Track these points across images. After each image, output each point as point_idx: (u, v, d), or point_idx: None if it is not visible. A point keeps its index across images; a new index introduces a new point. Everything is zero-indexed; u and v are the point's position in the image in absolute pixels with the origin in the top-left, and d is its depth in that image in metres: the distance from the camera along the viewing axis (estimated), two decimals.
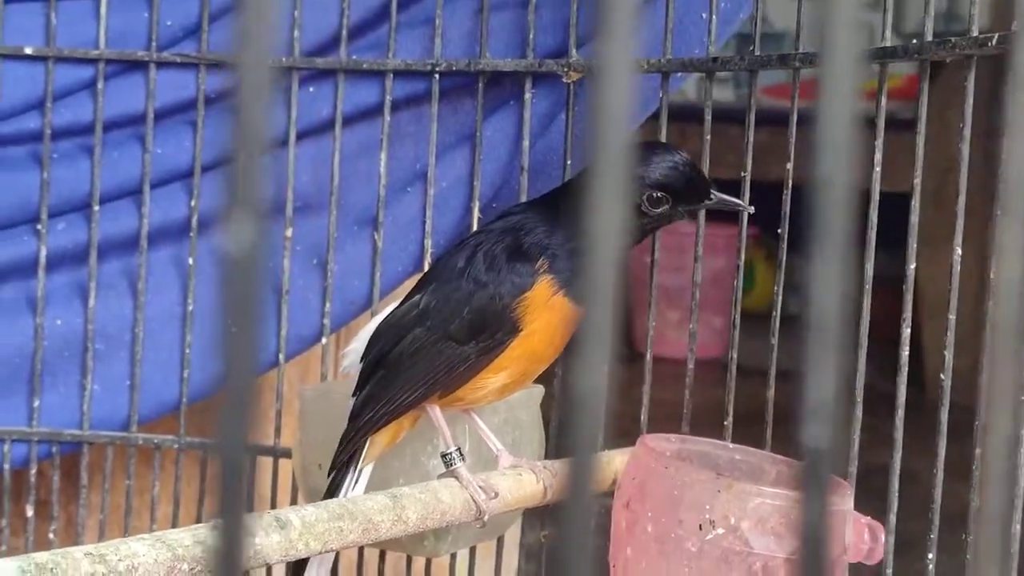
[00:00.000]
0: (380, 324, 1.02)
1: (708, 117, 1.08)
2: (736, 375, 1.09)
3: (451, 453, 0.96)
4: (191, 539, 0.81)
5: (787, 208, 0.99)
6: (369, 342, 1.02)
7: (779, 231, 1.01)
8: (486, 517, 0.94)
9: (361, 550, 1.23)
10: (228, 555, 0.28)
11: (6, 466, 1.28)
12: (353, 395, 1.01)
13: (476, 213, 1.23)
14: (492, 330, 0.94)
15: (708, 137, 1.09)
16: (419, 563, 1.25)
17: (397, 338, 0.98)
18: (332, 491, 1.00)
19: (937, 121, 0.88)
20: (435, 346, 0.96)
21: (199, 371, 1.28)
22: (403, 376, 0.96)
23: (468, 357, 0.95)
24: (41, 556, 0.76)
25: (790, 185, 1.00)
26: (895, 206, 1.06)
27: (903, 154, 0.97)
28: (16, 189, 1.27)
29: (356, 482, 1.00)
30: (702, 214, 1.06)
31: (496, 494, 0.94)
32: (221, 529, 0.28)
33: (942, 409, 0.89)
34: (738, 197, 1.02)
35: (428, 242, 1.24)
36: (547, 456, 1.13)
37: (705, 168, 1.06)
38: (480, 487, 0.94)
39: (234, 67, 0.24)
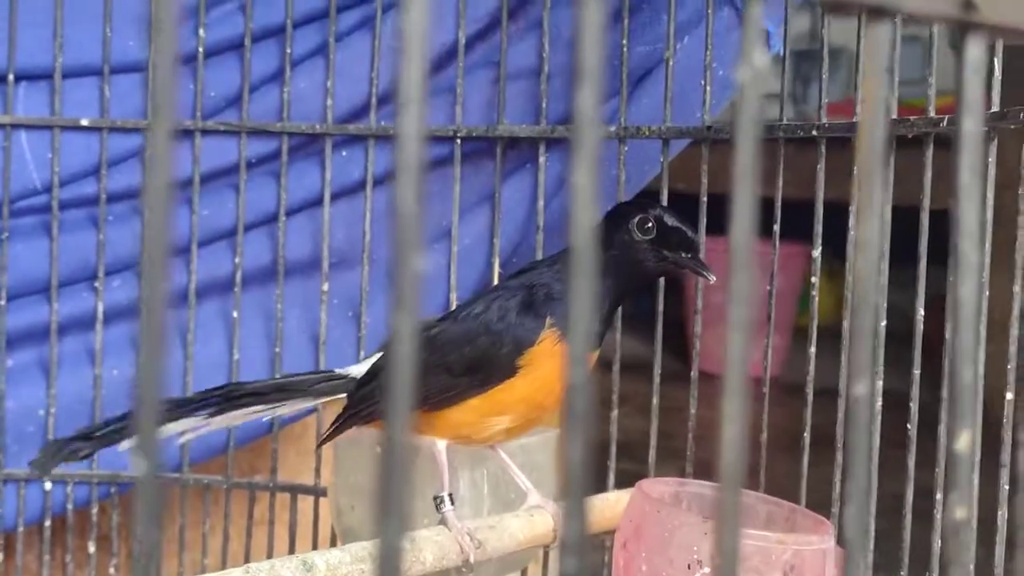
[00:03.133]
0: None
1: (704, 180, 1.17)
2: (796, 393, 1.14)
3: (441, 496, 1.05)
4: None
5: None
6: (381, 349, 1.12)
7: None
8: (472, 559, 1.03)
9: None
10: None
11: (69, 506, 1.38)
12: (358, 388, 1.11)
13: (497, 267, 1.32)
14: (488, 371, 1.03)
15: (704, 199, 1.17)
16: None
17: None
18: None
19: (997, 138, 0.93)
20: (431, 371, 1.05)
21: None
22: None
23: (457, 387, 1.04)
24: None
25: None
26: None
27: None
28: (75, 250, 1.37)
29: None
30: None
31: (479, 544, 1.03)
32: None
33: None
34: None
35: (453, 295, 1.33)
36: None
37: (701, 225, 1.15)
38: (468, 534, 1.03)
39: None
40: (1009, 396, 0.85)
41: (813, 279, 1.11)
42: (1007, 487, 0.96)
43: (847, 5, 0.34)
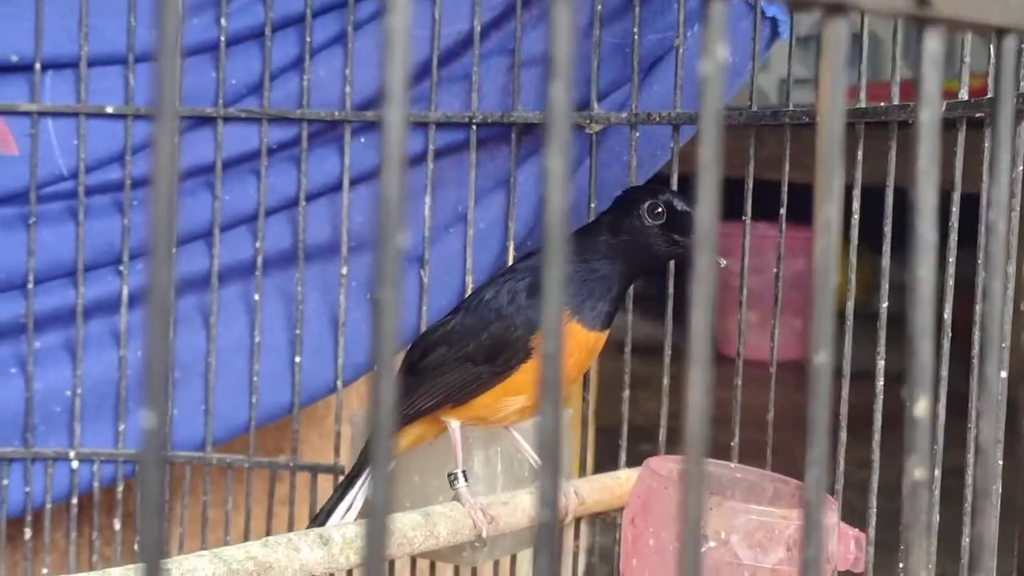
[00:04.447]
0: (418, 337, 1.16)
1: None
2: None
3: (455, 473, 1.08)
4: (244, 555, 0.94)
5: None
6: (408, 350, 1.15)
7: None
8: (484, 534, 1.06)
9: (414, 561, 1.34)
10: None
11: (96, 484, 1.41)
12: None
13: (511, 251, 1.35)
14: (506, 356, 1.07)
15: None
16: (466, 572, 1.36)
17: (426, 352, 1.12)
18: (350, 479, 1.15)
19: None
20: (453, 363, 1.09)
21: (266, 396, 1.41)
22: (425, 385, 1.09)
23: (480, 376, 1.08)
24: (115, 572, 0.89)
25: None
26: (976, 206, 0.99)
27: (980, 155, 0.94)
28: (101, 234, 1.40)
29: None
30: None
31: (492, 519, 1.06)
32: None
33: None
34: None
35: (469, 278, 1.36)
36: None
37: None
38: (480, 509, 1.06)
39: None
40: None
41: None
42: None
43: (807, 2, 0.37)
